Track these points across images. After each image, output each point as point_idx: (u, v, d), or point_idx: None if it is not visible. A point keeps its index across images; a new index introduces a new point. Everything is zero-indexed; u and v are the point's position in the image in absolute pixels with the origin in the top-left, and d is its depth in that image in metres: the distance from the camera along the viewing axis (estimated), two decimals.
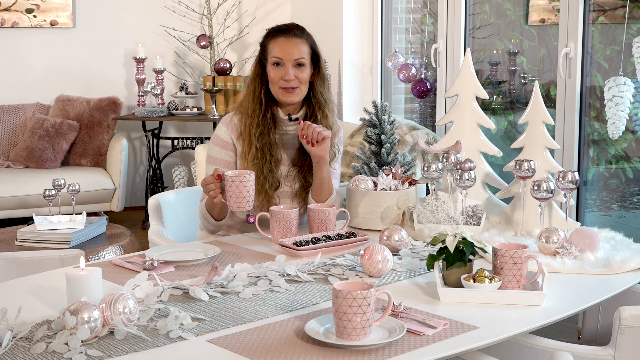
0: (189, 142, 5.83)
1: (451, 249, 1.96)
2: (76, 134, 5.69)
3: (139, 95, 5.94)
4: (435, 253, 2.03)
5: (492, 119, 2.80)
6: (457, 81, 2.77)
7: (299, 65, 2.60)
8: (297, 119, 2.66)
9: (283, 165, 2.69)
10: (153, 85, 5.87)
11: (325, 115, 2.67)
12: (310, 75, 2.64)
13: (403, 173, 2.85)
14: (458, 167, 2.52)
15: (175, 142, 5.86)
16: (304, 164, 2.67)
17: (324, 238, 2.40)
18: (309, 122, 2.55)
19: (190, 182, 5.99)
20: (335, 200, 2.65)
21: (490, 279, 1.94)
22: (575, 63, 3.57)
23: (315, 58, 2.65)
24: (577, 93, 3.57)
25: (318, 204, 2.58)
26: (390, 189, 2.66)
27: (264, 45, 2.66)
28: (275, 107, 2.66)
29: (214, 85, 5.88)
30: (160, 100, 5.94)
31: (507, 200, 2.68)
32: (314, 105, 2.66)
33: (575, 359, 1.86)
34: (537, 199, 2.37)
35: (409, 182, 2.71)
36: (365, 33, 5.40)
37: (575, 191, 2.79)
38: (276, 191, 2.66)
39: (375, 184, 2.70)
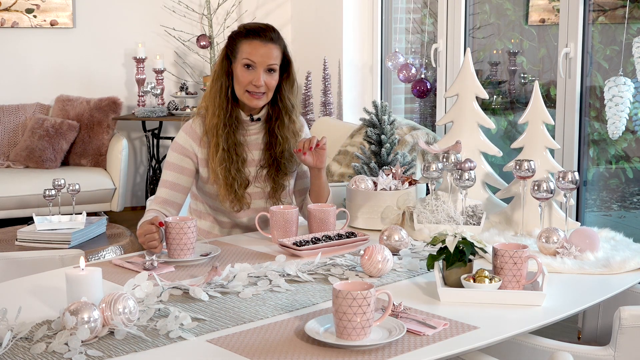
0: None
1: (451, 249, 1.96)
2: (76, 134, 5.68)
3: (139, 95, 5.94)
4: (435, 253, 2.03)
5: (492, 119, 2.80)
6: (457, 81, 2.77)
7: (270, 70, 2.55)
8: (259, 119, 2.64)
9: (251, 166, 2.65)
10: (153, 85, 5.87)
11: (292, 121, 2.65)
12: (279, 79, 2.60)
13: (403, 173, 2.85)
14: (458, 167, 2.52)
15: None
16: (271, 165, 2.64)
17: (324, 238, 2.40)
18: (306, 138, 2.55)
19: None
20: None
21: (490, 279, 1.93)
22: (575, 63, 3.57)
23: (285, 62, 2.61)
24: (577, 93, 3.58)
25: (318, 203, 2.58)
26: (390, 189, 2.66)
27: (234, 42, 2.58)
28: (236, 108, 2.61)
29: None
30: (160, 100, 5.94)
31: (507, 200, 2.68)
32: (281, 109, 2.63)
33: (575, 359, 1.86)
34: (537, 199, 2.37)
35: (409, 182, 2.71)
36: (365, 33, 5.40)
37: (575, 191, 2.79)
38: (246, 190, 2.62)
39: (375, 184, 2.70)
